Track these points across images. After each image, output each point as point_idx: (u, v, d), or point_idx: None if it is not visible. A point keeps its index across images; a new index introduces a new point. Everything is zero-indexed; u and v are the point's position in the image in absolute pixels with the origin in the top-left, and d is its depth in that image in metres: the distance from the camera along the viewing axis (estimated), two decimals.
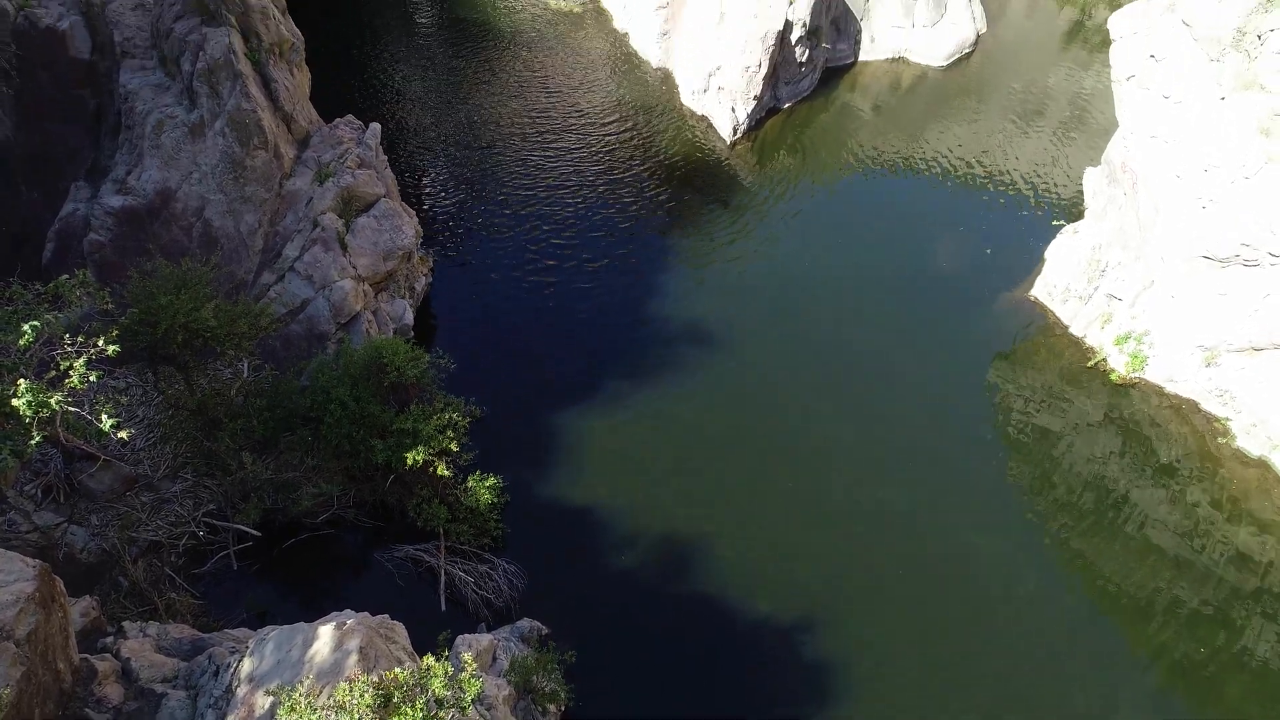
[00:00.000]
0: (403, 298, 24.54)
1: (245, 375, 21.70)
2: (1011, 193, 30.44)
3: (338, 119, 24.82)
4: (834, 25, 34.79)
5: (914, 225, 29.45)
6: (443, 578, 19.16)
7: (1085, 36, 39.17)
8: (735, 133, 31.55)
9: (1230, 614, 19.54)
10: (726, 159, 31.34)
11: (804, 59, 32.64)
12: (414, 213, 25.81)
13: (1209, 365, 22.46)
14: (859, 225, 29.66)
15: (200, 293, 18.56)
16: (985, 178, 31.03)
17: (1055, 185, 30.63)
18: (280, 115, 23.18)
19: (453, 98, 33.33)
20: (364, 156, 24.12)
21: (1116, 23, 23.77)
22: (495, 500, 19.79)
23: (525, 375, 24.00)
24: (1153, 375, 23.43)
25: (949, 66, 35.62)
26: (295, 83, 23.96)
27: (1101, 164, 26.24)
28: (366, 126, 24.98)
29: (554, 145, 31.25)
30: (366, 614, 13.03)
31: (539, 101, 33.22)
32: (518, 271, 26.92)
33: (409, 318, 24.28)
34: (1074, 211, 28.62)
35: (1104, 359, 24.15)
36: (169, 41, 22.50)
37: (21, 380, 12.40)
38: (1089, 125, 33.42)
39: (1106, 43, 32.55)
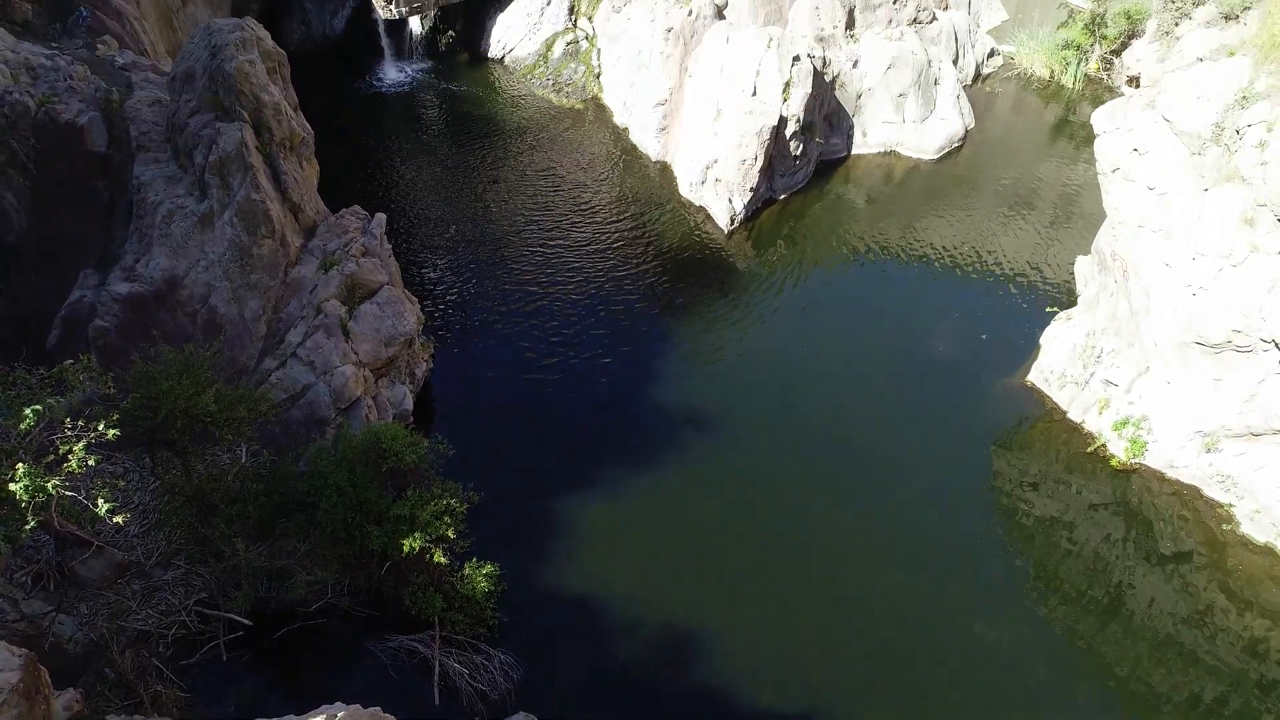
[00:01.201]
0: (403, 383, 24.67)
1: (243, 460, 21.63)
2: (1005, 279, 30.91)
3: (344, 209, 25.42)
4: (827, 120, 35.98)
5: (909, 311, 29.83)
6: (437, 669, 18.70)
7: (1071, 132, 40.39)
8: (733, 223, 32.27)
9: (1246, 706, 19.00)
10: (724, 248, 31.95)
11: (798, 153, 33.63)
12: (416, 300, 26.21)
13: (1209, 451, 22.44)
14: (855, 312, 30.07)
15: (202, 378, 18.67)
16: (978, 264, 31.58)
17: (1047, 271, 31.12)
18: (288, 205, 23.77)
19: (458, 189, 34.23)
20: (369, 245, 24.63)
21: (1099, 118, 24.60)
22: (492, 589, 19.48)
23: (524, 462, 23.98)
24: (1153, 461, 23.37)
25: (939, 160, 36.65)
26: (304, 175, 24.64)
27: (1092, 252, 26.78)
28: (372, 216, 25.57)
29: (555, 235, 31.93)
30: (358, 707, 12.71)
31: (541, 192, 34.09)
32: (518, 358, 27.16)
33: (409, 403, 24.38)
34: (1066, 297, 29.00)
35: (1103, 444, 24.13)
36: (183, 135, 23.24)
37: (20, 464, 12.38)
38: (1078, 212, 34.16)
39: (1091, 137, 33.68)
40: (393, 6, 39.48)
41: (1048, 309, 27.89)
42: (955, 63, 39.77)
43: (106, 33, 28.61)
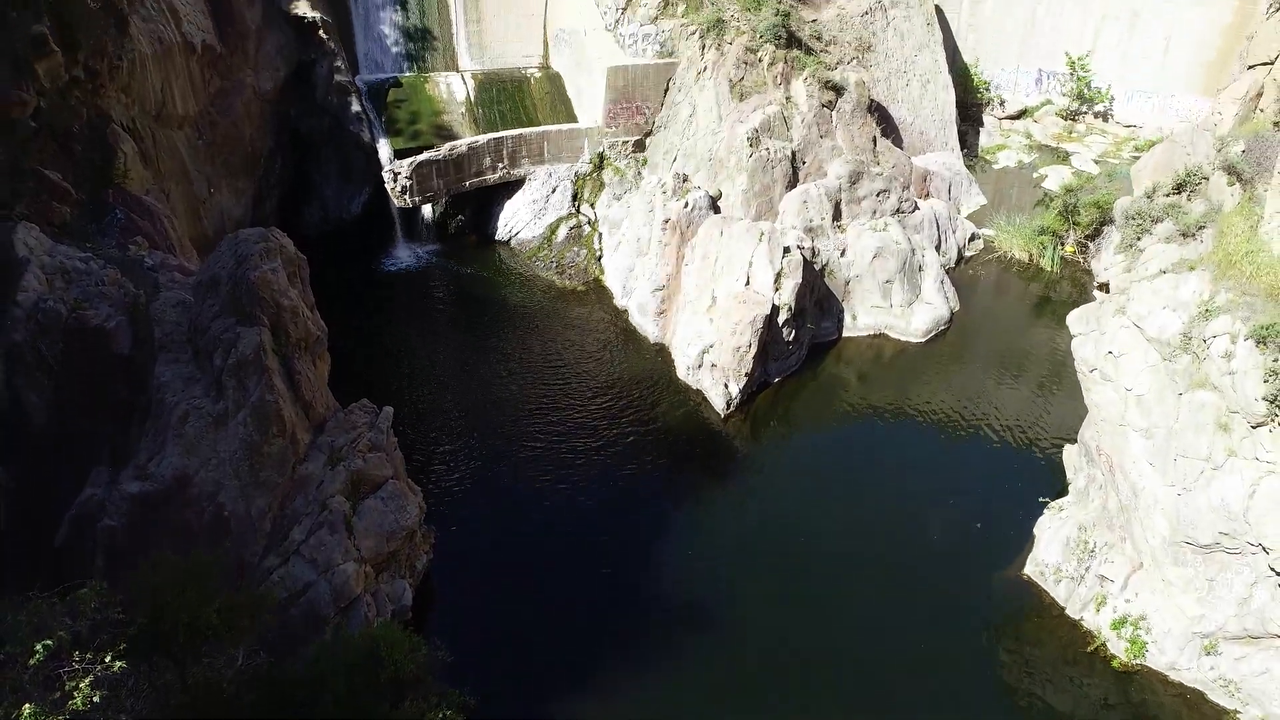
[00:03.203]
0: (403, 577, 24.83)
1: (239, 663, 21.49)
2: (996, 461, 31.54)
3: (353, 404, 26.29)
4: (818, 305, 37.63)
5: (904, 496, 30.20)
6: None
7: (1053, 309, 42.07)
8: (729, 406, 33.22)
9: None
10: (722, 431, 32.77)
11: (791, 338, 35.02)
12: (419, 489, 26.72)
13: (1209, 654, 22.35)
14: (851, 496, 30.45)
15: (206, 587, 18.90)
16: (970, 444, 32.27)
17: (1036, 453, 31.68)
18: (300, 404, 24.66)
19: (463, 373, 35.39)
20: (375, 440, 25.38)
21: (1074, 321, 25.91)
22: None
23: (521, 660, 23.82)
24: (1154, 662, 23.20)
25: (927, 342, 38.07)
26: (316, 372, 25.68)
27: (1078, 442, 27.51)
28: (380, 410, 26.44)
29: (556, 418, 32.78)
30: None
31: (543, 376, 35.23)
32: (519, 545, 27.41)
33: (408, 598, 24.45)
34: (1057, 477, 29.36)
35: (1103, 644, 24.01)
36: (205, 338, 24.42)
37: (27, 705, 12.55)
38: (1068, 380, 35.00)
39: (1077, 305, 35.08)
40: (407, 197, 42.03)
41: (1040, 499, 28.34)
42: (938, 248, 41.98)
43: (138, 233, 30.43)
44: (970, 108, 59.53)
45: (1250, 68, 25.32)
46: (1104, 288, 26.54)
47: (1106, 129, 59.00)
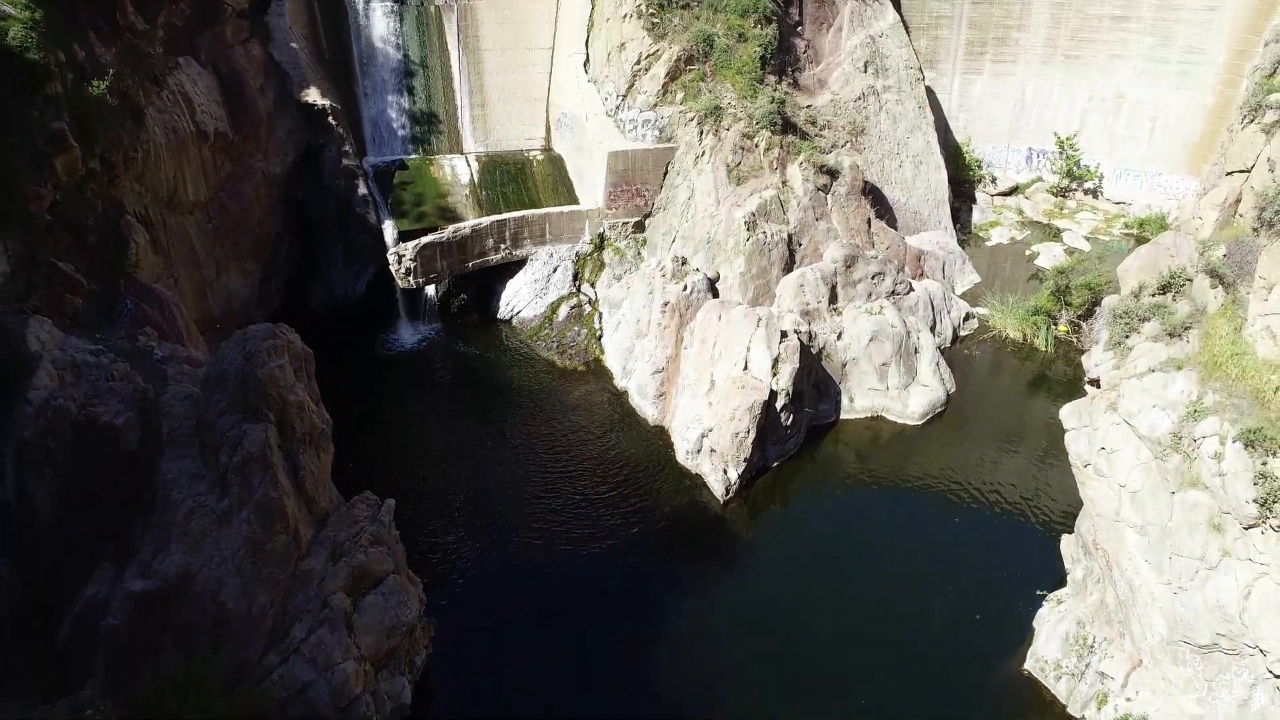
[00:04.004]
0: (402, 674, 24.80)
1: None
2: (995, 543, 31.75)
3: (355, 497, 26.57)
4: (815, 388, 38.09)
5: (904, 581, 30.23)
6: None
7: (1049, 388, 42.56)
8: (728, 492, 33.44)
9: None
10: (721, 517, 32.95)
11: (789, 422, 35.41)
12: (419, 580, 26.82)
13: None
14: (850, 584, 30.46)
15: (208, 691, 18.99)
16: (968, 527, 32.44)
17: (1033, 541, 31.76)
18: (303, 499, 24.94)
19: (463, 456, 35.67)
20: (377, 534, 25.59)
21: (1067, 415, 26.33)
22: None
23: None
24: None
25: (924, 425, 38.44)
26: (320, 465, 26.01)
27: (1075, 533, 27.69)
28: (382, 502, 26.69)
29: (556, 505, 32.96)
30: None
31: (543, 459, 35.50)
32: (518, 637, 27.41)
33: (407, 696, 24.41)
34: (1054, 566, 29.39)
35: None
36: (211, 433, 24.80)
37: None
38: (1064, 464, 34.99)
39: (1068, 393, 35.51)
40: (411, 279, 42.81)
41: (1038, 592, 28.40)
42: (933, 328, 42.63)
43: (148, 322, 31.01)
44: (963, 184, 60.88)
45: (1228, 174, 26.26)
46: (1095, 383, 27.05)
47: (1097, 205, 60.24)
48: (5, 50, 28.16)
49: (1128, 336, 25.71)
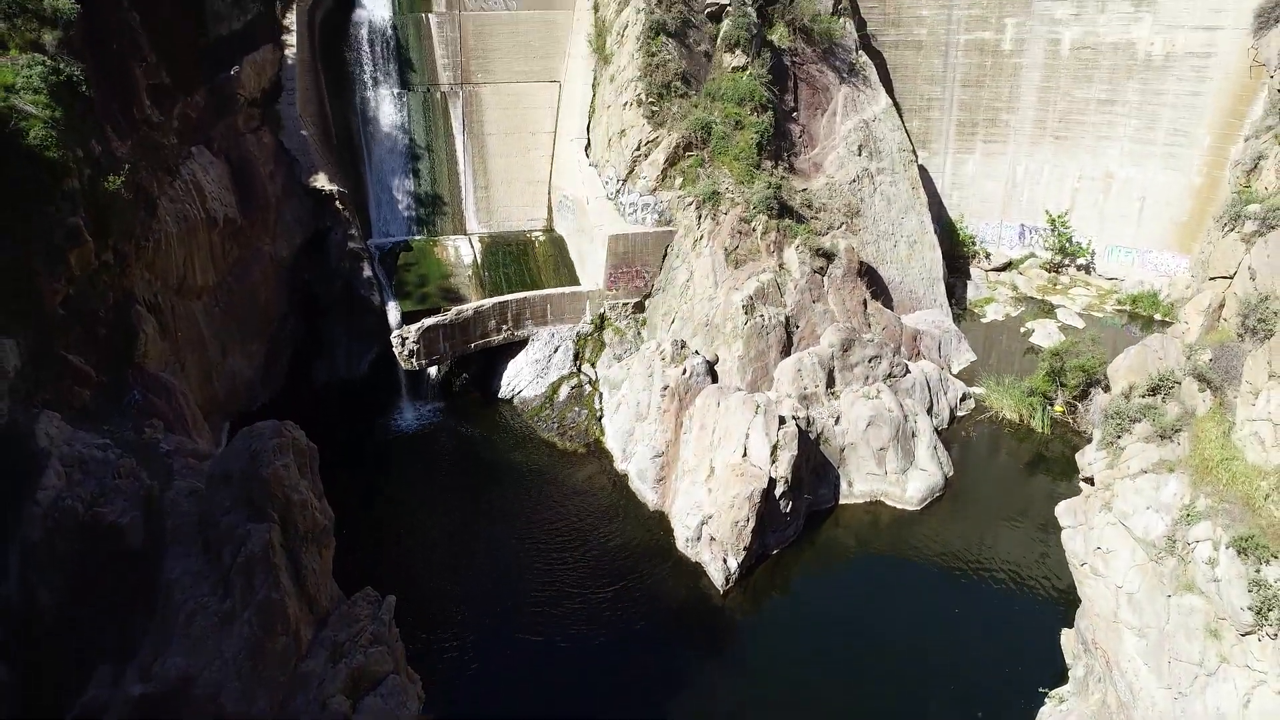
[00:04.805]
0: None
1: None
2: (996, 633, 31.65)
3: (356, 594, 26.60)
4: (814, 473, 38.35)
5: (906, 675, 30.09)
6: None
7: (1047, 468, 42.81)
8: (728, 582, 33.47)
9: None
10: (721, 607, 32.94)
11: (788, 510, 35.60)
12: (418, 677, 26.73)
13: None
14: (851, 676, 30.34)
15: None
16: (969, 615, 32.39)
17: (1034, 632, 31.68)
18: (305, 599, 25.01)
19: (463, 543, 35.75)
20: (377, 633, 25.59)
21: (1062, 513, 26.60)
22: None
23: None
24: None
25: (923, 510, 38.59)
26: (321, 563, 26.14)
27: (1075, 629, 27.70)
28: (383, 600, 26.75)
29: (555, 594, 32.98)
30: None
31: (543, 546, 35.59)
32: None
33: None
34: (1057, 661, 29.31)
35: None
36: (215, 532, 25.01)
37: None
38: (1063, 551, 35.28)
39: (1068, 472, 35.65)
40: (414, 360, 43.38)
41: (1040, 689, 28.31)
42: (930, 410, 43.06)
43: (155, 413, 31.46)
44: (958, 259, 61.99)
45: (1212, 278, 26.98)
46: (1090, 481, 27.35)
47: (1090, 281, 61.24)
48: (26, 149, 29.06)
49: (1120, 436, 26.11)
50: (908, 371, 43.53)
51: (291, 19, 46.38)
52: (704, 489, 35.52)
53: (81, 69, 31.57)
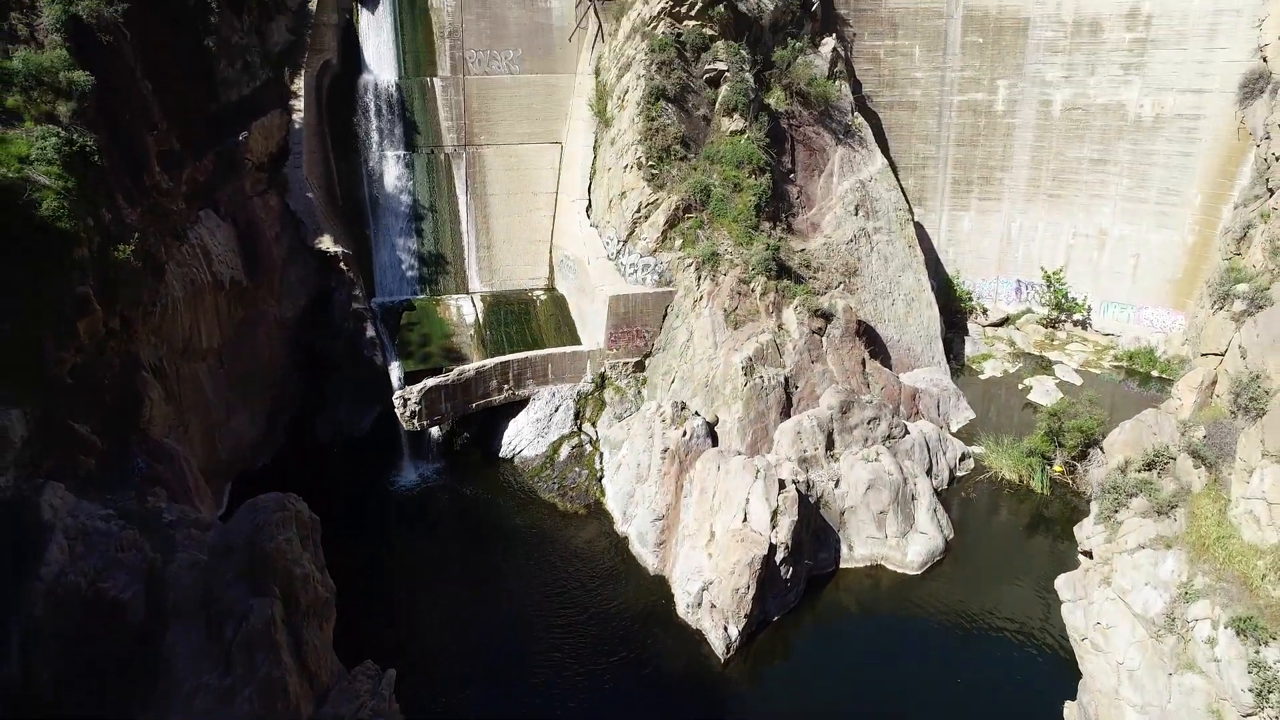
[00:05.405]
0: None
1: None
2: (999, 704, 31.30)
3: (357, 668, 26.60)
4: (814, 536, 38.38)
5: None
6: None
7: (1046, 527, 42.83)
8: (729, 650, 33.32)
9: None
10: (723, 676, 32.74)
11: (789, 575, 35.57)
12: None
13: None
14: None
15: None
16: (972, 685, 32.07)
17: (1041, 696, 31.32)
18: (305, 674, 25.00)
19: (464, 613, 35.50)
20: (377, 708, 25.53)
21: (1061, 586, 26.66)
22: None
23: None
24: None
25: (924, 574, 38.53)
26: (323, 636, 26.16)
27: (1078, 703, 27.58)
28: (383, 674, 26.70)
29: (558, 665, 32.74)
30: None
31: (544, 614, 35.41)
32: None
33: None
34: None
35: None
36: (217, 606, 25.05)
37: None
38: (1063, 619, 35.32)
39: (1068, 533, 35.62)
40: (415, 421, 43.63)
41: None
42: (930, 471, 43.19)
43: (158, 481, 31.62)
44: (955, 315, 62.56)
45: (1204, 355, 27.40)
46: (1088, 554, 27.46)
47: (1087, 337, 61.74)
48: (39, 220, 29.55)
49: (1117, 510, 26.30)
50: (907, 432, 43.76)
51: (299, 84, 47.42)
52: (704, 554, 35.54)
53: (94, 139, 32.21)
